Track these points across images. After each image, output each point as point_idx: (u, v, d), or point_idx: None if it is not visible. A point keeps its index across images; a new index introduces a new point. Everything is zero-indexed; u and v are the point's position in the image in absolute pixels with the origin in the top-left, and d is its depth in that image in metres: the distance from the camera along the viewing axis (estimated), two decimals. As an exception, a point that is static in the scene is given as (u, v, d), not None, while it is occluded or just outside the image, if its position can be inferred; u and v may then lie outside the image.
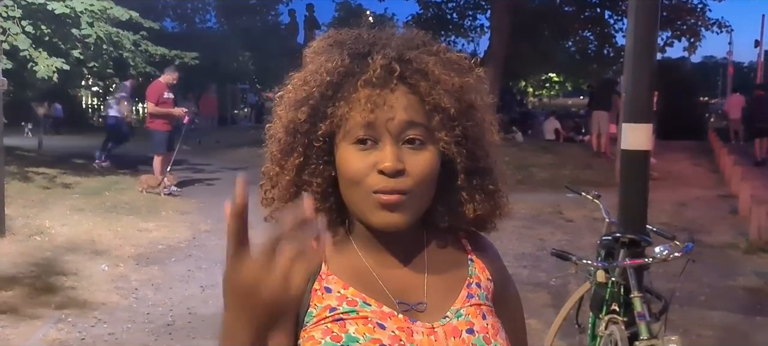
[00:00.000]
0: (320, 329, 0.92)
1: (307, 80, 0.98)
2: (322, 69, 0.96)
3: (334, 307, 0.93)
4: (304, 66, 1.02)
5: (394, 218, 0.93)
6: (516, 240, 7.31)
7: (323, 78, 0.95)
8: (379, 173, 0.92)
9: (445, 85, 0.95)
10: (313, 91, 0.96)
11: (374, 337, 0.91)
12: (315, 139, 0.96)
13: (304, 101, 0.96)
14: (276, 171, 1.00)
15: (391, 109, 0.92)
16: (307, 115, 0.96)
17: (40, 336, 4.40)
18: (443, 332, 0.95)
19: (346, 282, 0.96)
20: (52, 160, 12.79)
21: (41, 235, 6.86)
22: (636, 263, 3.05)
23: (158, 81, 10.12)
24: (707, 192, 10.74)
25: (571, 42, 23.52)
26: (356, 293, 0.95)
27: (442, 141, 0.96)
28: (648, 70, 3.41)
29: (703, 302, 5.37)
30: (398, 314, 0.94)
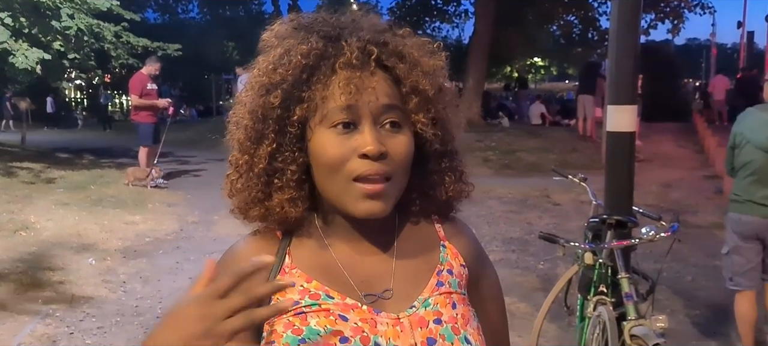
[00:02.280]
0: (282, 322, 0.91)
1: (276, 64, 0.94)
2: (293, 52, 0.93)
3: (297, 301, 0.92)
4: (266, 50, 0.98)
5: (377, 206, 0.92)
6: (504, 225, 7.34)
7: (297, 61, 0.92)
8: (361, 157, 0.90)
9: (422, 67, 0.95)
10: (286, 75, 0.93)
11: (335, 329, 0.89)
12: (289, 124, 0.93)
13: (276, 85, 0.93)
14: (245, 160, 0.96)
15: (372, 91, 0.90)
16: (281, 100, 0.92)
17: (27, 332, 4.37)
18: (409, 323, 0.93)
19: (309, 275, 0.94)
20: (36, 155, 12.67)
21: (27, 230, 6.79)
22: (623, 244, 3.07)
23: (140, 72, 9.97)
24: (692, 173, 10.84)
25: (556, 26, 23.56)
26: (319, 286, 0.94)
27: (420, 123, 0.95)
28: (632, 52, 3.42)
29: (690, 281, 5.43)
30: (362, 306, 0.93)
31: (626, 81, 3.46)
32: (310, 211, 0.99)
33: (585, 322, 3.30)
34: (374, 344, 0.89)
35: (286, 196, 0.94)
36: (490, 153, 12.68)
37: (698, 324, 4.58)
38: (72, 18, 10.65)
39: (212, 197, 8.93)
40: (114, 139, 14.37)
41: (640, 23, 3.56)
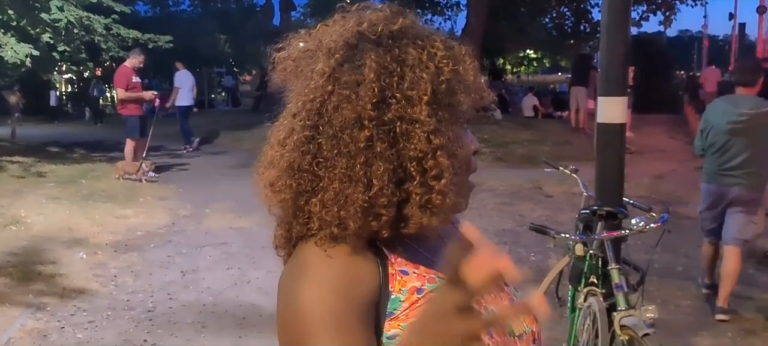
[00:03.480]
0: (416, 312, 0.87)
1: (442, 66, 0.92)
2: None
3: (420, 288, 0.90)
4: (410, 68, 0.90)
5: None
6: (496, 216, 7.35)
7: (467, 68, 0.95)
8: (474, 154, 0.97)
9: None
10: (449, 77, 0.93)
11: None
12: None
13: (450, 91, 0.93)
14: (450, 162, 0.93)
15: (484, 94, 0.97)
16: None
17: (18, 326, 4.35)
18: (506, 298, 1.00)
19: (413, 263, 0.92)
20: (26, 149, 12.59)
21: (17, 224, 6.76)
22: (613, 235, 3.08)
23: (124, 66, 9.87)
24: (683, 165, 10.87)
25: (548, 18, 23.57)
26: (427, 270, 0.92)
27: None
28: (623, 44, 3.42)
29: (680, 272, 5.46)
30: None
31: (617, 73, 3.46)
32: None
33: (576, 313, 3.32)
34: (490, 312, 0.90)
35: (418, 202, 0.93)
36: (482, 145, 12.64)
37: (688, 314, 4.61)
38: (61, 10, 10.58)
39: (204, 191, 8.92)
40: (105, 132, 14.29)
41: (630, 15, 3.57)
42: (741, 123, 4.43)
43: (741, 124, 4.43)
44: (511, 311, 0.77)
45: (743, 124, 4.42)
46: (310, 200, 0.89)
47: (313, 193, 0.89)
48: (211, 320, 4.48)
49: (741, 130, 4.43)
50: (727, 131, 4.46)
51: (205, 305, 4.74)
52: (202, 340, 4.19)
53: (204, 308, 4.69)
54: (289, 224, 0.95)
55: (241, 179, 10.43)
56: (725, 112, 4.50)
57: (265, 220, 1.00)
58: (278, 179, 0.92)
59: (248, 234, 6.50)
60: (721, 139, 4.50)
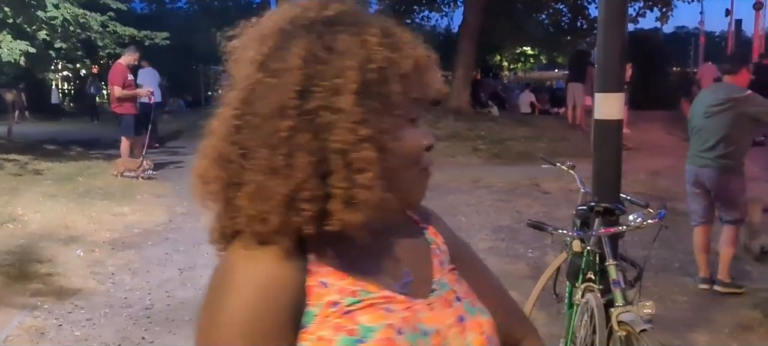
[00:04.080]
0: (329, 326, 0.84)
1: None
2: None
3: (337, 301, 0.86)
4: (340, 56, 0.86)
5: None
6: (493, 213, 7.36)
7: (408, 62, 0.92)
8: (427, 149, 0.94)
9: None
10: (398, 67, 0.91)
11: (388, 322, 0.86)
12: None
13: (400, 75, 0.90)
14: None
15: (433, 86, 0.96)
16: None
17: (15, 324, 4.34)
18: (439, 305, 0.95)
19: (339, 272, 0.88)
20: (23, 146, 12.56)
21: (14, 222, 6.74)
22: (610, 231, 3.08)
23: (119, 63, 9.79)
24: (680, 161, 10.78)
25: (545, 15, 23.53)
26: (354, 281, 0.88)
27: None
28: (619, 39, 3.42)
29: (677, 268, 5.47)
30: (398, 295, 0.90)
31: (614, 69, 3.46)
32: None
33: (573, 309, 3.32)
34: (421, 331, 0.89)
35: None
36: (479, 142, 12.69)
37: (685, 310, 4.62)
38: (57, 7, 10.55)
39: (201, 188, 8.89)
40: (102, 130, 14.27)
41: (626, 10, 3.56)
42: (715, 108, 4.76)
43: (715, 109, 4.76)
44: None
45: (717, 109, 4.75)
46: (237, 193, 0.86)
47: (240, 186, 0.86)
48: (209, 317, 4.48)
49: (714, 114, 4.76)
50: (703, 115, 4.84)
51: (203, 303, 4.74)
52: (200, 337, 4.18)
53: (202, 306, 4.68)
54: (220, 218, 0.92)
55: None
56: (705, 98, 4.93)
57: None
58: (208, 170, 0.90)
59: (246, 231, 6.49)
60: (699, 123, 4.88)
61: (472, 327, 0.95)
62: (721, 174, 4.78)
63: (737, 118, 4.70)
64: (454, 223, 6.82)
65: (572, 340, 3.27)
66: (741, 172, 4.86)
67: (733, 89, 4.78)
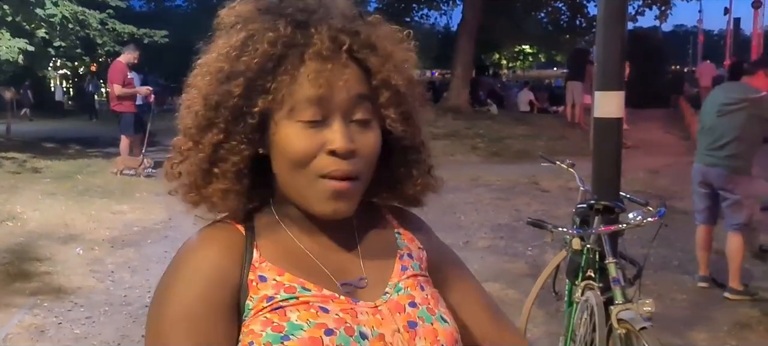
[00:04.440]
0: (259, 320, 0.85)
1: (240, 50, 0.88)
2: (259, 38, 0.87)
3: (272, 296, 0.86)
4: (226, 31, 0.92)
5: (343, 206, 0.89)
6: (492, 211, 7.36)
7: (264, 49, 0.86)
8: (330, 153, 0.86)
9: (394, 60, 0.91)
10: (250, 63, 0.86)
11: (318, 322, 0.84)
12: (248, 115, 0.87)
13: (238, 74, 0.87)
14: (189, 146, 0.92)
15: (343, 84, 0.86)
16: (243, 90, 0.86)
17: (15, 322, 4.34)
18: (387, 309, 0.91)
19: (280, 268, 0.89)
20: (21, 145, 12.55)
21: (13, 220, 6.74)
22: (610, 229, 3.09)
23: (118, 61, 9.73)
24: (679, 159, 10.90)
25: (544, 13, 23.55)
26: (293, 278, 0.88)
27: (389, 118, 0.91)
28: (619, 37, 3.43)
29: (676, 266, 5.48)
30: (340, 296, 0.89)
31: (614, 67, 3.47)
32: (262, 204, 0.96)
33: (573, 307, 3.33)
34: (359, 333, 0.86)
35: (221, 186, 0.90)
36: (478, 140, 12.70)
37: (685, 308, 4.63)
38: (56, 5, 10.55)
39: (200, 186, 8.90)
40: (100, 128, 14.26)
41: (626, 8, 3.57)
42: (728, 107, 4.71)
43: (728, 108, 4.71)
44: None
45: (730, 108, 4.70)
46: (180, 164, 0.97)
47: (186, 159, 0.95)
48: (209, 315, 4.48)
49: (726, 114, 4.71)
50: (715, 113, 4.78)
51: (203, 301, 4.74)
52: (200, 335, 4.18)
53: (201, 304, 4.68)
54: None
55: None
56: (717, 97, 4.88)
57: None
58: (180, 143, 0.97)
59: (245, 229, 6.50)
60: (709, 122, 4.83)
61: (425, 334, 0.90)
62: (729, 174, 4.71)
63: (750, 119, 4.63)
64: (454, 221, 6.82)
65: (572, 338, 3.28)
66: (750, 173, 4.79)
67: (749, 90, 4.70)
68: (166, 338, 0.85)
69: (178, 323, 0.85)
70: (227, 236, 0.92)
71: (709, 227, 5.00)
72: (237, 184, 0.91)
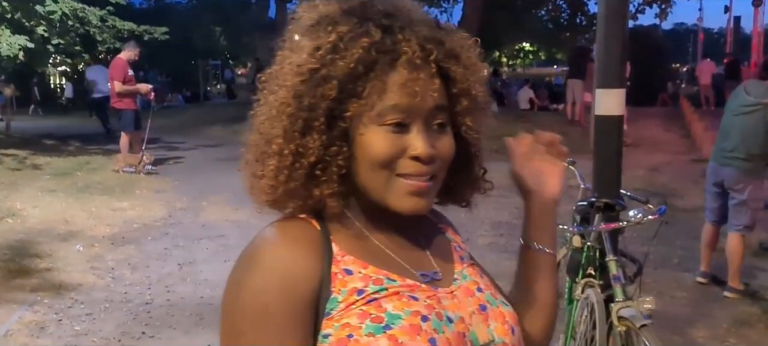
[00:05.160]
0: (354, 313, 0.86)
1: (331, 51, 0.89)
2: (352, 41, 0.88)
3: (362, 289, 0.88)
4: (309, 30, 0.93)
5: (421, 203, 0.92)
6: (492, 209, 7.36)
7: (358, 53, 0.87)
8: (412, 158, 0.89)
9: (475, 71, 0.95)
10: (345, 67, 0.87)
11: (413, 310, 0.87)
12: (340, 118, 0.89)
13: (332, 76, 0.88)
14: (290, 149, 0.90)
15: (429, 93, 0.89)
16: (337, 93, 0.88)
17: (15, 319, 4.34)
18: (461, 294, 0.96)
19: (364, 261, 0.91)
20: (21, 141, 12.55)
21: (13, 217, 6.74)
22: (611, 227, 3.09)
23: (119, 58, 9.70)
24: (679, 157, 10.91)
25: (544, 11, 23.56)
26: (377, 270, 0.91)
27: (466, 126, 0.97)
28: (620, 35, 3.42)
29: (677, 264, 5.48)
30: (421, 285, 0.93)
31: (614, 65, 3.46)
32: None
33: (573, 304, 3.33)
34: (446, 318, 0.90)
35: (329, 190, 0.91)
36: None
37: (685, 306, 4.63)
38: (56, 2, 10.54)
39: (200, 183, 8.91)
40: (100, 125, 14.22)
41: (627, 6, 3.56)
42: (746, 108, 4.67)
43: (746, 109, 4.67)
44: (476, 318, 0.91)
45: (746, 110, 4.67)
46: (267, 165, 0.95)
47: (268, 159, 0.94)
48: (209, 312, 4.48)
49: (742, 115, 4.68)
50: (733, 113, 4.77)
51: (203, 298, 4.74)
52: (200, 332, 4.19)
53: (201, 301, 4.69)
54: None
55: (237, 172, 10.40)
56: (738, 96, 4.82)
57: (262, 212, 1.00)
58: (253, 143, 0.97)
59: (245, 226, 6.49)
60: (727, 122, 4.82)
61: (495, 316, 0.97)
62: (740, 175, 4.67)
63: (763, 121, 4.59)
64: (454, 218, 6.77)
65: (572, 335, 3.28)
66: (761, 177, 4.74)
67: (766, 92, 4.67)
68: (241, 333, 0.86)
69: (255, 317, 0.86)
70: (303, 230, 0.92)
71: (716, 225, 4.99)
72: (343, 185, 0.92)
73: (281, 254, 0.89)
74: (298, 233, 0.92)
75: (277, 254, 0.89)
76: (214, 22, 30.15)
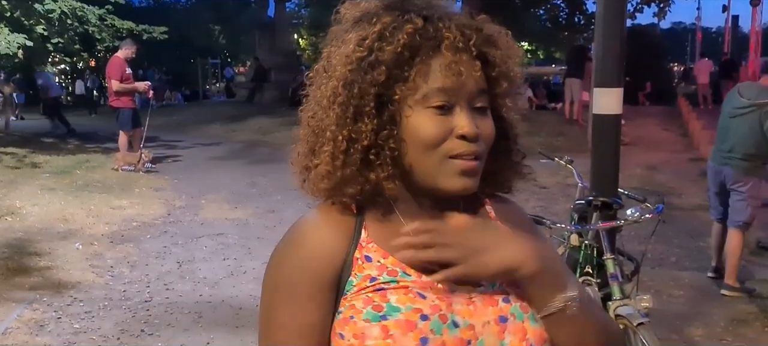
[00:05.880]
0: (361, 298, 0.91)
1: (377, 39, 0.93)
2: (397, 29, 0.92)
3: (375, 277, 0.92)
4: (355, 24, 0.97)
5: (469, 182, 0.94)
6: (491, 208, 7.37)
7: (403, 39, 0.91)
8: (459, 138, 0.92)
9: (513, 55, 0.99)
10: (392, 52, 0.91)
11: (415, 306, 0.90)
12: (389, 102, 0.93)
13: (380, 62, 0.92)
14: (344, 135, 0.93)
15: (471, 75, 0.93)
16: (386, 77, 0.92)
17: (14, 317, 4.35)
18: (481, 301, 0.95)
19: (386, 251, 0.94)
20: (20, 140, 12.55)
21: (12, 215, 6.75)
22: (608, 225, 3.11)
23: (117, 56, 9.67)
24: (677, 156, 10.93)
25: (543, 10, 23.56)
26: (396, 262, 0.94)
27: (505, 107, 1.01)
28: (618, 34, 3.44)
29: (674, 262, 5.50)
30: (438, 284, 0.93)
31: (612, 64, 3.48)
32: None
33: (571, 302, 3.34)
34: (452, 322, 0.91)
35: (385, 173, 0.94)
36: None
37: (682, 304, 4.64)
38: (55, 0, 10.53)
39: (199, 181, 8.92)
40: (99, 124, 14.24)
41: (626, 6, 3.58)
42: (740, 110, 4.74)
43: (741, 110, 4.73)
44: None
45: (742, 111, 4.72)
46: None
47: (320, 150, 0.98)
48: (208, 310, 4.50)
49: (738, 116, 4.74)
50: (729, 115, 4.84)
51: (202, 296, 4.75)
52: (199, 330, 4.20)
53: (200, 299, 4.70)
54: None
55: (236, 170, 10.48)
56: (734, 97, 4.89)
57: (261, 210, 1.02)
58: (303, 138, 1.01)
59: (244, 225, 6.51)
60: (724, 122, 4.90)
61: (515, 331, 0.94)
62: (738, 174, 4.74)
63: (759, 122, 4.63)
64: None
65: (569, 333, 3.30)
66: (759, 175, 4.79)
67: (761, 93, 4.72)
68: (269, 301, 0.96)
69: (280, 289, 0.95)
70: (338, 215, 0.97)
71: (722, 222, 5.03)
72: (396, 167, 0.95)
73: (311, 234, 0.96)
74: (332, 217, 0.97)
75: (308, 233, 0.96)
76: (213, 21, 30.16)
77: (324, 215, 0.98)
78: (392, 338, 0.88)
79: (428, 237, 0.92)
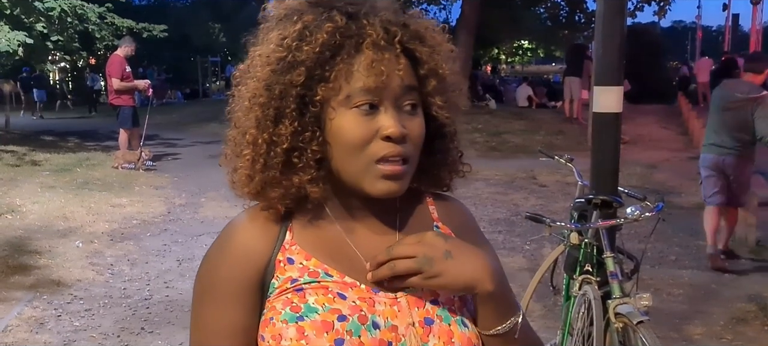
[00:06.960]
0: (281, 299, 0.91)
1: (297, 39, 0.90)
2: (316, 28, 0.90)
3: (296, 278, 0.92)
4: (277, 23, 0.95)
5: (394, 186, 0.92)
6: (490, 206, 7.38)
7: (323, 38, 0.89)
8: (384, 139, 0.90)
9: (441, 50, 0.96)
10: (311, 53, 0.89)
11: (334, 307, 0.89)
12: (310, 103, 0.90)
13: (299, 63, 0.89)
14: (264, 138, 0.91)
15: (395, 73, 0.90)
16: (305, 78, 0.89)
17: (15, 315, 4.35)
18: (406, 302, 0.93)
19: (308, 253, 0.94)
20: (20, 137, 12.55)
21: (12, 213, 6.75)
22: (608, 224, 3.10)
23: (116, 55, 9.65)
24: (676, 155, 10.94)
25: (543, 8, 23.53)
26: (318, 264, 0.93)
27: (436, 105, 0.96)
28: (619, 32, 3.43)
29: (674, 261, 5.50)
30: (360, 285, 0.92)
31: (612, 62, 3.47)
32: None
33: (570, 301, 3.34)
34: (372, 323, 0.89)
35: (307, 176, 0.92)
36: (476, 135, 12.70)
37: (681, 303, 4.65)
38: (55, -1, 10.53)
39: (199, 179, 8.92)
40: (99, 122, 14.24)
41: (626, 4, 3.57)
42: (731, 104, 5.13)
43: (731, 105, 5.13)
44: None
45: (733, 105, 5.11)
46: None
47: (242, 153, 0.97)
48: (208, 308, 4.50)
49: (730, 110, 5.14)
50: (720, 108, 5.21)
51: (202, 294, 4.75)
52: (199, 328, 4.20)
53: (200, 297, 4.70)
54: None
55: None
56: (724, 93, 5.25)
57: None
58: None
59: (244, 223, 6.50)
60: (715, 115, 5.28)
61: (440, 334, 0.93)
62: (737, 160, 5.18)
63: (747, 116, 5.04)
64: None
65: (569, 332, 3.30)
66: (753, 159, 5.31)
67: (752, 89, 5.11)
68: (198, 303, 0.96)
69: (207, 291, 0.95)
70: (266, 216, 0.96)
71: (718, 208, 5.33)
72: (320, 170, 0.93)
73: (237, 236, 0.96)
74: (259, 219, 0.96)
75: (234, 236, 0.96)
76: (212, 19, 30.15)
77: (251, 218, 0.97)
78: (307, 339, 0.87)
79: (384, 254, 0.91)
